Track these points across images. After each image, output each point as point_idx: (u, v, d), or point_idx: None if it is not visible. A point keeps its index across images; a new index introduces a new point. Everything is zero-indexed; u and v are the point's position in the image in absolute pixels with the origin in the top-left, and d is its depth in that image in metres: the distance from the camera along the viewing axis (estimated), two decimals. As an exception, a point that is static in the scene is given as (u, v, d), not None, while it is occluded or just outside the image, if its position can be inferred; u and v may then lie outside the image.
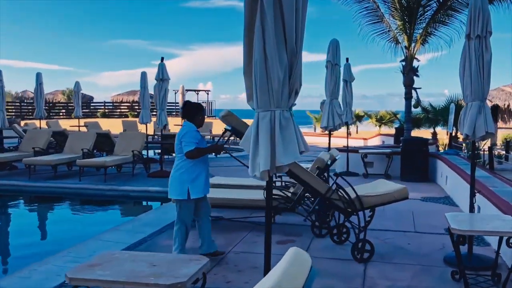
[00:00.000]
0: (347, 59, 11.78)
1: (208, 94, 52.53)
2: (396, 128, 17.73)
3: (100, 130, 16.69)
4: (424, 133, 20.24)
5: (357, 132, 30.29)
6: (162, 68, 11.09)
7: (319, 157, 6.03)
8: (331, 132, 8.23)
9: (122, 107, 52.84)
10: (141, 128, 23.13)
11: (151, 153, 16.36)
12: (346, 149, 11.97)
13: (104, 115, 48.71)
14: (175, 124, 24.01)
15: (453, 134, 16.47)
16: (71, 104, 50.55)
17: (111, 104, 53.92)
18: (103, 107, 51.27)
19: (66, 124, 26.33)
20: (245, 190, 6.71)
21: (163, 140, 13.50)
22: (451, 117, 13.79)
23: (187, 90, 52.61)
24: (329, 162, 6.18)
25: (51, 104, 50.44)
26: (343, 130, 18.13)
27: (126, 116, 50.09)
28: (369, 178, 11.19)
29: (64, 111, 49.78)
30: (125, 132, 12.48)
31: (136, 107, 52.62)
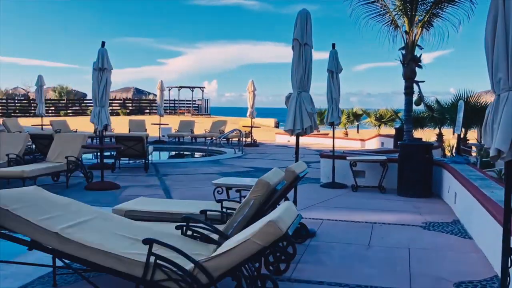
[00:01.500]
0: (333, 45, 9.63)
1: (203, 91, 50.42)
2: (396, 129, 15.52)
3: (47, 132, 14.60)
4: (428, 133, 18.04)
5: (358, 132, 28.05)
6: (102, 55, 8.95)
7: (262, 180, 3.90)
8: (299, 136, 6.05)
9: (114, 104, 50.87)
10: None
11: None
12: (332, 155, 9.81)
13: (95, 113, 46.79)
14: (152, 123, 21.98)
15: (462, 135, 14.33)
16: (62, 101, 48.76)
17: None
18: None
19: (30, 122, 24.31)
20: (156, 225, 4.55)
21: (119, 143, 11.39)
22: (460, 116, 11.61)
23: (181, 87, 50.65)
24: (279, 187, 4.04)
25: (40, 101, 48.60)
26: (338, 129, 15.87)
27: (118, 114, 48.11)
28: (359, 192, 9.04)
29: (53, 108, 47.83)
30: (60, 134, 10.38)
31: (129, 104, 50.64)
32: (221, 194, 6.04)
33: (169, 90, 50.86)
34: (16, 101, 48.90)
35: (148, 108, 51.35)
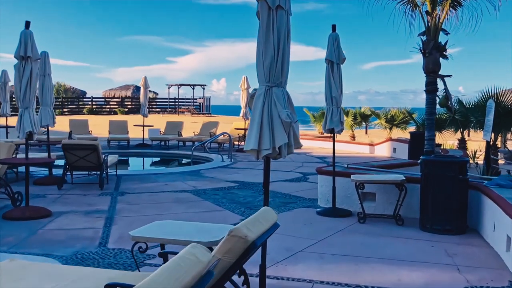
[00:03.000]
0: (333, 27, 7.33)
1: (204, 89, 48.11)
2: (411, 134, 13.12)
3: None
4: (446, 136, 15.66)
5: (366, 133, 25.61)
6: (25, 39, 6.71)
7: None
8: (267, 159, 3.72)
9: (112, 103, 48.75)
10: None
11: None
12: (332, 171, 7.51)
13: (91, 112, 44.65)
14: (134, 125, 19.74)
15: (491, 141, 12.00)
16: (58, 100, 46.58)
17: (103, 99, 49.79)
18: (90, 103, 47.22)
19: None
20: None
21: (67, 153, 9.16)
22: (490, 119, 9.35)
23: (181, 85, 48.39)
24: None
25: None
26: (345, 130, 13.64)
27: (115, 113, 45.93)
28: (369, 223, 6.74)
29: (48, 107, 45.73)
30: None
31: (128, 103, 48.37)
32: (144, 252, 3.77)
33: (169, 88, 48.75)
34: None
35: (147, 106, 49.12)
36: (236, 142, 17.60)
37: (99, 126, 21.45)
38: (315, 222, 6.84)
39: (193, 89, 48.57)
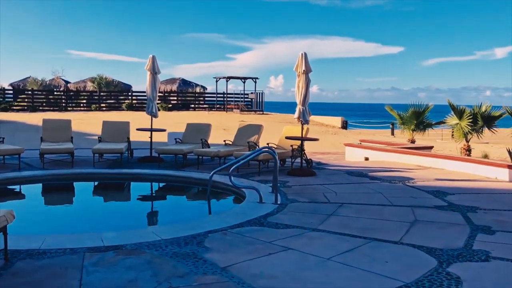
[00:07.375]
0: None
1: (255, 82, 41.91)
2: None
3: None
4: None
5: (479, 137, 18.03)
6: None
7: None
8: None
9: (152, 98, 43.64)
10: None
11: None
12: None
13: (131, 107, 39.75)
14: (137, 129, 13.75)
15: None
16: (95, 94, 42.11)
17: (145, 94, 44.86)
18: (129, 98, 42.35)
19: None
20: None
21: None
22: None
23: (230, 78, 42.43)
24: None
25: (71, 93, 42.67)
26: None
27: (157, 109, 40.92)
28: None
29: (84, 101, 41.41)
30: None
31: (173, 98, 43.09)
32: None
33: (216, 81, 43.00)
34: (55, 92, 43.24)
35: (193, 102, 43.63)
36: (277, 166, 11.25)
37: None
38: None
39: (244, 82, 42.56)
